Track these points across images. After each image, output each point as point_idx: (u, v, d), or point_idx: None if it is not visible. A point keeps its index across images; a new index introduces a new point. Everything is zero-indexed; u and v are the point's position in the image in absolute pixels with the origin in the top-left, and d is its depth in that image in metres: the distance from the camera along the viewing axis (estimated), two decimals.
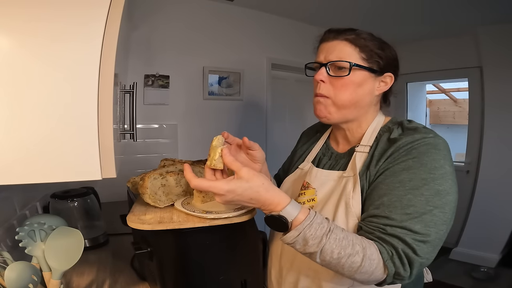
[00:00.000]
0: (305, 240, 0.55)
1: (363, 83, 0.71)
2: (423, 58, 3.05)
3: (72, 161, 0.51)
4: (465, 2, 2.15)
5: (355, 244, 0.56)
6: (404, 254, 0.56)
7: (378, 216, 0.60)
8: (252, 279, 0.76)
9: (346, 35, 0.71)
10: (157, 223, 0.65)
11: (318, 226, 0.56)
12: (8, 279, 0.56)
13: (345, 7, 2.33)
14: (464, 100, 4.13)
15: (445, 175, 0.60)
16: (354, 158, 0.72)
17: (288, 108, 2.88)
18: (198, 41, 2.21)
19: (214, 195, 0.58)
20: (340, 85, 0.71)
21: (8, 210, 0.95)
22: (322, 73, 0.72)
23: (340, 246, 0.55)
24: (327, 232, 0.56)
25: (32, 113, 0.49)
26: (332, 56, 0.71)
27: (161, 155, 2.10)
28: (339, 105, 0.72)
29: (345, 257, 0.55)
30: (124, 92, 0.79)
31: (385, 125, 0.74)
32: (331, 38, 0.73)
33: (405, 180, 0.60)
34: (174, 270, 0.69)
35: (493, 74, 2.62)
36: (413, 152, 0.62)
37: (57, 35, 0.49)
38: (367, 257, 0.55)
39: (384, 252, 0.57)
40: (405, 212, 0.58)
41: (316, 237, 0.55)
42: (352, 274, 0.57)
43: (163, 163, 0.94)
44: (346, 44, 0.71)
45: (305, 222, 0.56)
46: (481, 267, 2.57)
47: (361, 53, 0.70)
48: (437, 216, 0.58)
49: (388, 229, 0.58)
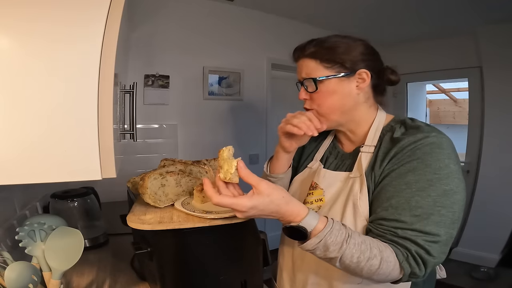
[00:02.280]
0: (325, 247, 0.56)
1: (336, 89, 0.73)
2: (423, 58, 3.05)
3: (72, 161, 0.51)
4: (465, 2, 2.15)
5: (372, 247, 0.57)
6: (418, 255, 0.58)
7: (387, 219, 0.61)
8: (252, 279, 0.76)
9: (306, 51, 0.75)
10: (157, 223, 0.65)
11: (338, 232, 0.57)
12: (8, 279, 0.56)
13: (346, 7, 2.33)
14: (464, 100, 4.13)
15: (450, 174, 0.60)
16: (360, 159, 0.72)
17: (288, 108, 2.86)
18: (198, 41, 2.21)
19: (235, 211, 0.58)
20: (316, 98, 0.74)
21: (8, 210, 0.95)
22: (302, 92, 0.77)
23: (359, 251, 0.56)
24: (346, 238, 0.57)
25: (32, 113, 0.49)
26: (302, 75, 0.76)
27: (161, 155, 2.10)
28: (324, 115, 0.75)
29: (364, 260, 0.56)
30: (124, 92, 0.79)
31: (388, 123, 0.74)
32: (298, 58, 0.78)
33: (411, 181, 0.61)
34: (174, 270, 0.69)
35: (493, 74, 2.62)
36: (417, 153, 0.62)
37: (57, 36, 0.49)
38: (384, 259, 0.57)
39: (399, 254, 0.58)
40: (414, 214, 0.58)
41: (337, 243, 0.56)
42: (371, 276, 0.58)
43: (163, 163, 0.94)
44: (309, 60, 0.74)
45: (325, 229, 0.57)
46: (481, 267, 2.57)
47: (323, 63, 0.72)
48: (445, 215, 0.58)
49: (399, 232, 0.59)
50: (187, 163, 0.92)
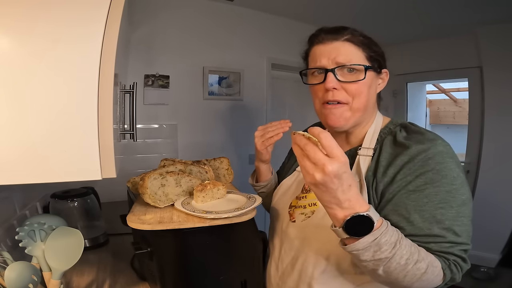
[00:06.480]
0: (378, 246, 0.52)
1: (371, 84, 0.69)
2: (423, 58, 3.05)
3: (72, 161, 0.51)
4: (465, 2, 2.15)
5: (420, 250, 0.56)
6: (457, 263, 0.59)
7: (418, 235, 0.59)
8: (252, 279, 0.76)
9: (344, 35, 0.68)
10: (157, 223, 0.65)
11: (392, 232, 0.54)
12: (8, 279, 0.56)
13: (346, 7, 2.33)
14: (464, 100, 4.13)
15: (463, 183, 0.61)
16: (358, 163, 0.69)
17: (288, 108, 2.88)
18: (198, 41, 2.21)
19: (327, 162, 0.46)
20: (354, 89, 0.67)
21: (8, 210, 0.95)
22: (333, 80, 0.66)
23: (409, 252, 0.54)
24: (400, 239, 0.54)
25: (32, 113, 0.49)
26: (341, 59, 0.66)
27: (161, 155, 2.10)
28: (355, 110, 0.68)
29: (412, 263, 0.53)
30: (124, 92, 0.79)
31: (386, 126, 0.73)
32: (330, 39, 0.68)
33: (431, 194, 0.59)
34: (174, 270, 0.69)
35: (493, 74, 2.62)
36: (430, 163, 0.60)
37: (57, 36, 0.49)
38: (431, 263, 0.56)
39: (441, 261, 0.58)
40: (443, 227, 0.58)
41: (391, 243, 0.53)
42: (413, 281, 0.55)
43: (163, 163, 0.94)
44: (350, 45, 0.67)
45: (382, 227, 0.52)
46: (481, 267, 2.57)
47: (364, 53, 0.68)
48: (467, 224, 0.60)
49: (433, 246, 0.58)
50: (187, 163, 0.92)
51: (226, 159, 1.04)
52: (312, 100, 0.76)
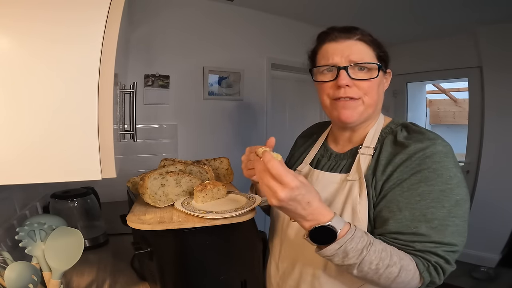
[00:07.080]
0: (345, 253, 0.55)
1: (381, 82, 0.72)
2: (423, 58, 3.05)
3: (72, 161, 0.51)
4: (464, 1, 2.15)
5: (393, 255, 0.57)
6: (438, 264, 0.58)
7: (404, 233, 0.60)
8: (252, 279, 0.76)
9: (356, 34, 0.70)
10: (157, 223, 0.65)
11: (359, 239, 0.55)
12: (8, 279, 0.56)
13: (346, 7, 2.33)
14: (464, 100, 4.13)
15: (459, 184, 0.60)
16: (359, 161, 0.70)
17: (288, 108, 2.88)
18: (198, 41, 2.21)
19: (279, 189, 0.50)
20: (367, 86, 0.69)
21: (8, 210, 0.95)
22: (346, 78, 0.67)
23: (379, 258, 0.55)
24: (367, 245, 0.56)
25: (32, 113, 0.49)
26: (354, 57, 0.68)
27: (161, 155, 2.10)
28: (367, 106, 0.70)
29: (383, 268, 0.55)
30: (124, 92, 0.79)
31: (387, 126, 0.73)
32: (343, 38, 0.70)
33: (424, 192, 0.60)
34: (174, 270, 0.69)
35: (493, 74, 2.62)
36: (427, 162, 0.61)
37: (57, 36, 0.49)
38: (404, 267, 0.56)
39: (419, 264, 0.58)
40: (431, 226, 0.58)
41: (357, 250, 0.55)
42: (389, 284, 0.57)
43: (163, 163, 0.94)
44: (362, 44, 0.69)
45: (347, 235, 0.55)
46: (481, 267, 2.57)
47: (374, 52, 0.70)
48: (459, 225, 0.59)
49: (418, 245, 0.58)
50: (187, 163, 0.92)
51: (226, 159, 1.04)
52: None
